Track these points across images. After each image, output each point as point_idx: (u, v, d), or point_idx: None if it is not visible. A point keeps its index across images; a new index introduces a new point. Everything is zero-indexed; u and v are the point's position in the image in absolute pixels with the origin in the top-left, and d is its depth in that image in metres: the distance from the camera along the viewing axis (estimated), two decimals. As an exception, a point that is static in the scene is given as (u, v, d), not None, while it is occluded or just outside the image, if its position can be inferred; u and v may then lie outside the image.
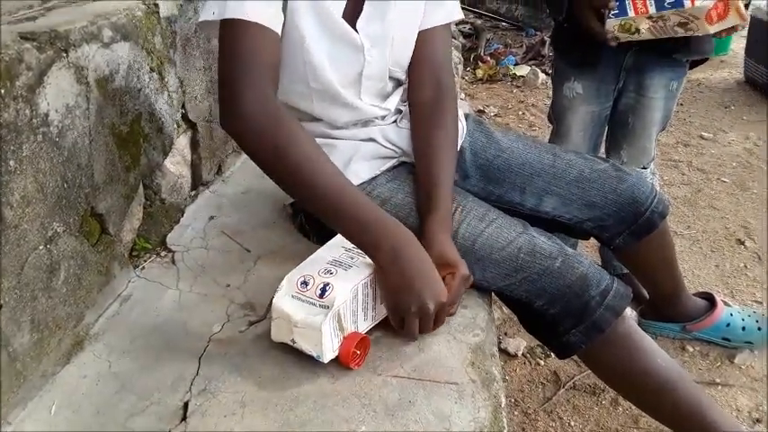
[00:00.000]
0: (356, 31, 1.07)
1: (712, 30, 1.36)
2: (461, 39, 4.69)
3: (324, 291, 0.87)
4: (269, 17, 0.96)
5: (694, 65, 1.70)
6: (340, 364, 0.89)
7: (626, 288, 1.07)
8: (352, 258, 0.94)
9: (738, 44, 4.18)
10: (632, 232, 1.27)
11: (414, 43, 1.15)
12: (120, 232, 1.10)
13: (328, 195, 0.91)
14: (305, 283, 0.89)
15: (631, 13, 1.38)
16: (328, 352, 0.87)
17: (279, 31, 0.98)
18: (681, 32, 1.38)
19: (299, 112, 1.13)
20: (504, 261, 1.05)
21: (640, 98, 1.68)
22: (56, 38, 0.93)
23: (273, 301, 0.88)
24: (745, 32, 3.86)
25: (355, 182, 1.07)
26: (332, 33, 1.05)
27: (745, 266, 2.03)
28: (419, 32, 1.15)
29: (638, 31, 1.40)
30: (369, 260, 0.93)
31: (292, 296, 0.88)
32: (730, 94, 3.69)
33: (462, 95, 3.96)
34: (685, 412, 1.10)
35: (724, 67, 4.19)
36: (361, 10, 1.07)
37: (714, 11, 1.32)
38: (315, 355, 0.87)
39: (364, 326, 0.94)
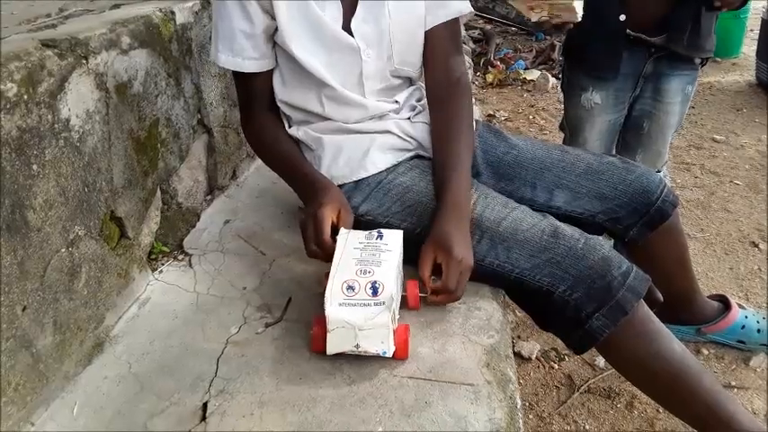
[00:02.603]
0: (351, 32, 1.10)
1: None
2: (471, 44, 4.70)
3: (375, 289, 0.90)
4: (255, 64, 1.13)
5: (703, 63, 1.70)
6: (394, 357, 0.90)
7: (644, 273, 1.07)
8: (374, 255, 0.96)
9: (749, 47, 4.17)
10: (645, 223, 1.28)
11: (419, 42, 1.19)
12: (139, 236, 1.12)
13: (286, 171, 1.20)
14: (351, 288, 0.90)
15: None
16: (392, 345, 0.90)
17: (269, 66, 1.15)
18: None
19: (313, 114, 1.17)
20: (528, 242, 1.06)
21: (657, 104, 1.67)
22: (76, 45, 0.94)
23: (328, 314, 0.88)
24: (755, 35, 3.85)
25: (372, 171, 1.16)
26: (326, 43, 1.10)
27: (760, 269, 2.02)
28: (426, 32, 1.17)
29: None
30: (388, 250, 0.97)
31: (341, 304, 0.89)
32: (742, 97, 3.67)
33: (473, 100, 3.97)
34: (703, 402, 1.08)
35: (735, 69, 4.17)
36: (355, 11, 1.10)
37: None
38: (381, 352, 0.89)
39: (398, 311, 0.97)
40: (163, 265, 1.19)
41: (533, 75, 4.16)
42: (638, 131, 1.73)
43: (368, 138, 1.18)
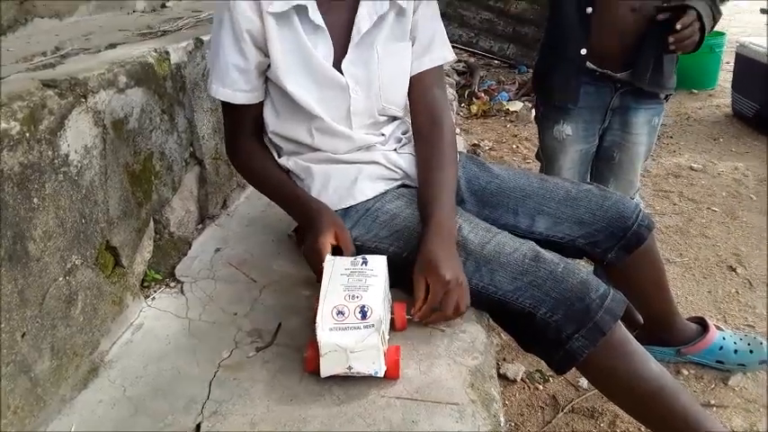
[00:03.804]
0: (342, 71, 1.16)
1: None
2: (456, 76, 4.81)
3: (364, 313, 0.94)
4: (245, 96, 1.18)
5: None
6: (386, 377, 0.94)
7: (621, 295, 1.12)
8: (360, 280, 1.00)
9: (726, 79, 4.31)
10: (622, 246, 1.33)
11: (404, 85, 1.26)
12: (133, 264, 1.15)
13: (278, 195, 1.25)
14: (341, 313, 0.94)
15: None
16: (384, 365, 0.94)
17: (258, 99, 1.21)
18: None
19: (303, 145, 1.22)
20: (510, 265, 1.11)
21: (626, 135, 1.75)
22: (76, 85, 1.00)
23: (319, 338, 0.91)
24: (731, 67, 3.99)
25: (361, 199, 1.21)
26: (318, 79, 1.16)
27: (737, 292, 2.08)
28: (412, 77, 1.24)
29: None
30: (374, 275, 1.01)
31: (332, 329, 0.93)
32: (719, 127, 3.78)
33: (458, 130, 4.05)
34: (681, 419, 1.12)
35: (712, 100, 4.30)
36: (347, 53, 1.16)
37: None
38: (374, 372, 0.93)
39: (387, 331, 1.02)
40: (155, 292, 1.22)
41: (516, 106, 4.26)
42: (610, 161, 1.80)
43: (356, 168, 1.24)
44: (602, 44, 1.60)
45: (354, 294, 0.97)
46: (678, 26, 1.44)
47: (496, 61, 5.36)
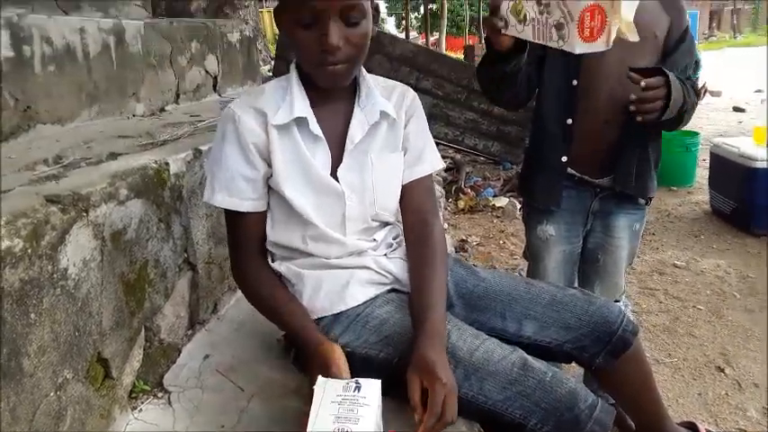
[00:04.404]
0: (337, 178, 1.22)
1: (579, 47, 1.22)
2: (443, 172, 4.96)
3: None
4: (252, 205, 1.19)
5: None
6: None
7: (609, 405, 1.13)
8: (352, 410, 0.98)
9: (703, 175, 4.48)
10: (609, 351, 1.35)
11: (397, 192, 1.31)
12: (122, 375, 1.15)
13: (286, 323, 1.23)
14: None
15: None
16: None
17: (264, 207, 1.21)
18: (554, 38, 1.25)
19: (295, 251, 1.25)
20: (499, 373, 1.11)
21: (608, 239, 1.81)
22: (78, 200, 1.04)
23: None
24: (707, 163, 4.15)
25: (352, 304, 1.22)
26: (316, 187, 1.20)
27: (727, 394, 2.08)
28: (404, 185, 1.30)
29: (525, 19, 1.28)
30: (366, 404, 0.99)
31: None
32: (699, 224, 3.90)
33: (446, 226, 4.14)
34: None
35: (691, 197, 4.45)
36: (342, 161, 1.22)
37: (590, 19, 1.21)
38: None
39: None
40: (143, 403, 1.21)
41: (502, 202, 4.39)
42: (595, 264, 1.85)
43: (347, 272, 1.26)
44: (582, 152, 1.69)
45: (344, 428, 0.95)
46: (642, 84, 1.43)
47: (482, 158, 5.55)
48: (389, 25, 43.96)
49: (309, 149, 1.19)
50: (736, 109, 9.12)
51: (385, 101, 1.24)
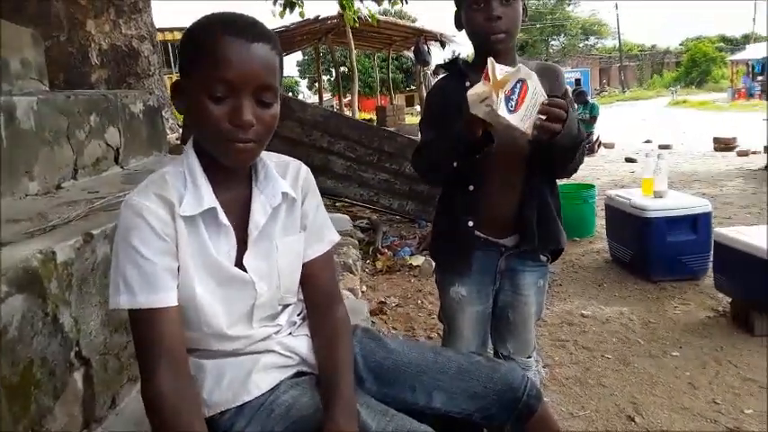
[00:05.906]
0: (244, 267, 1.18)
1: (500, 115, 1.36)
2: (360, 233, 4.99)
3: None
4: (176, 296, 1.08)
5: (555, 256, 1.93)
6: None
7: None
8: None
9: (602, 224, 4.74)
10: (516, 418, 1.36)
11: (299, 271, 1.29)
12: (0, 493, 1.04)
13: None
14: None
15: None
16: None
17: (175, 300, 1.08)
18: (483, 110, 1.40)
19: (198, 348, 1.19)
20: None
21: (516, 296, 1.86)
22: (-51, 302, 0.96)
23: None
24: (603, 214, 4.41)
25: (255, 393, 1.17)
26: (222, 280, 1.16)
27: (639, 443, 2.14)
28: (305, 263, 1.29)
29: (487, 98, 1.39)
30: None
31: None
32: (601, 273, 4.10)
33: (364, 288, 4.14)
34: None
35: (592, 247, 4.69)
36: (246, 248, 1.19)
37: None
38: None
39: None
40: None
41: (419, 260, 4.44)
42: (506, 322, 1.89)
43: (251, 359, 1.21)
44: (487, 215, 1.75)
45: None
46: (546, 100, 1.46)
47: (398, 216, 5.64)
48: (302, 86, 44.80)
49: (213, 239, 1.15)
50: (628, 160, 9.84)
51: (283, 181, 1.23)
